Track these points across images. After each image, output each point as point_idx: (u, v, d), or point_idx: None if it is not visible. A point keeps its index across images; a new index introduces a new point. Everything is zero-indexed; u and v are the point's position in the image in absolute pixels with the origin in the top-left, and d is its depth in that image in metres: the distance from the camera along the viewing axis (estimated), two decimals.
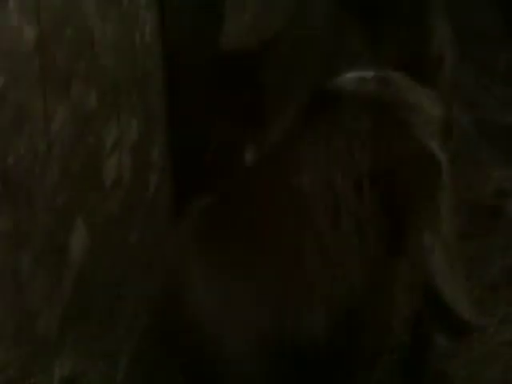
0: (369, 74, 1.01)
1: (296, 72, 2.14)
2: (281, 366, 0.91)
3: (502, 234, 1.42)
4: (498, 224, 1.44)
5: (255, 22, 2.18)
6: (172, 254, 1.02)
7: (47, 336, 1.24)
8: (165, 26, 2.01)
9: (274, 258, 0.90)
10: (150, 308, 1.22)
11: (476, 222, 1.44)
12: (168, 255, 1.06)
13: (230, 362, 0.92)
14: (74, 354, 1.24)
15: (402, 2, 1.86)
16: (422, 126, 0.96)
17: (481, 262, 1.36)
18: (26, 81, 1.15)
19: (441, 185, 0.92)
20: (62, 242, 1.32)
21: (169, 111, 2.01)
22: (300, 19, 2.25)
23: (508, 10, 2.19)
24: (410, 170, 0.87)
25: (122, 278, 1.60)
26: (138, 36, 1.89)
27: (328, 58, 2.11)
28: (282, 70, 2.11)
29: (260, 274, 0.92)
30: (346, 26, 2.01)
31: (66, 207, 1.34)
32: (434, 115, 0.98)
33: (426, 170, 0.90)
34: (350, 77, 1.03)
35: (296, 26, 2.17)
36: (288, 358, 0.91)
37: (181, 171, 2.04)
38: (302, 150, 0.94)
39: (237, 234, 0.94)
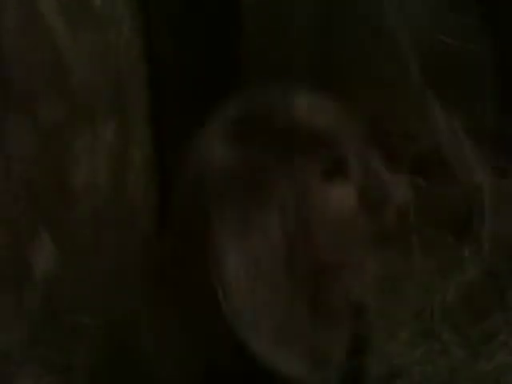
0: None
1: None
2: None
3: None
4: None
5: None
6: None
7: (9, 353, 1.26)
8: (145, 27, 2.04)
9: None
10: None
11: None
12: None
13: None
14: (37, 371, 1.26)
15: None
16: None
17: None
18: None
19: None
20: (24, 256, 1.34)
21: (152, 112, 2.04)
22: None
23: None
24: None
25: (94, 291, 1.61)
26: (113, 40, 1.90)
27: None
28: None
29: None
30: None
31: (28, 220, 1.35)
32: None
33: None
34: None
35: None
36: None
37: (166, 172, 2.08)
38: None
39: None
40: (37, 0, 1.37)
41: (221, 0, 2.18)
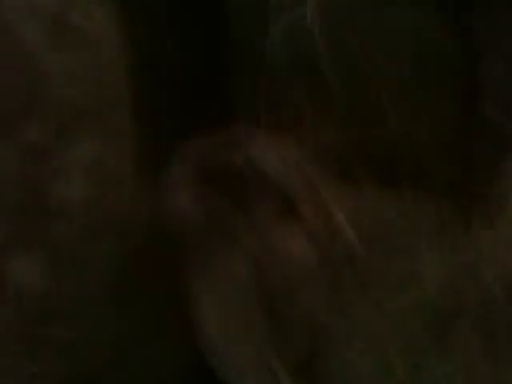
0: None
1: None
2: None
3: None
4: None
5: None
6: None
7: None
8: (133, 40, 2.09)
9: None
10: None
11: None
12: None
13: None
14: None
15: None
16: None
17: None
18: None
19: None
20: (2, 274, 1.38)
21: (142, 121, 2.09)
22: None
23: None
24: None
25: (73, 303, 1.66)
26: (98, 58, 1.95)
27: None
28: None
29: None
30: None
31: (2, 244, 1.39)
32: None
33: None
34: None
35: None
36: None
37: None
38: None
39: None
40: (13, 22, 1.43)
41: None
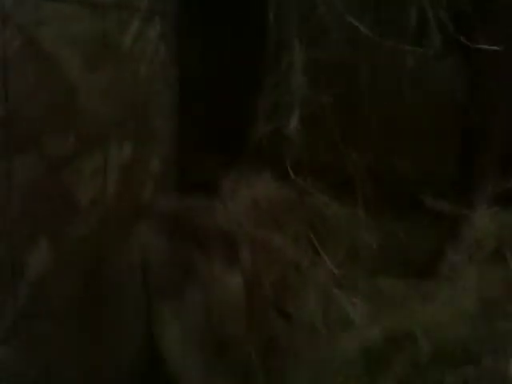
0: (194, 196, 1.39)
1: None
2: None
3: None
4: None
5: None
6: None
7: None
8: (176, 55, 2.31)
9: None
10: None
11: None
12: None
13: None
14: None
15: None
16: None
17: None
18: None
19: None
20: (20, 260, 1.65)
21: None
22: None
23: None
24: None
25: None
26: (143, 69, 2.19)
27: None
28: None
29: None
30: None
31: (27, 230, 1.67)
32: None
33: None
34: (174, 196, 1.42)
35: None
36: None
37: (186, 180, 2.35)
38: None
39: None
40: (47, 40, 1.67)
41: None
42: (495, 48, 1.85)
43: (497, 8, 2.00)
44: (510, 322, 1.48)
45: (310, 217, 2.01)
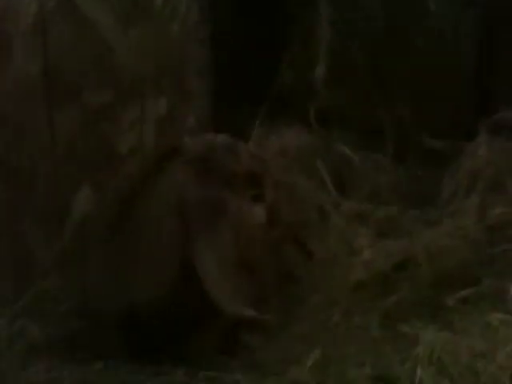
0: (221, 137, 1.49)
1: None
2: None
3: None
4: None
5: None
6: None
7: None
8: (208, 13, 2.41)
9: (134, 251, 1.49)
10: None
11: None
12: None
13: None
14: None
15: None
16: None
17: None
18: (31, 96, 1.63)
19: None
20: (66, 202, 1.81)
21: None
22: None
23: None
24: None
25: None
26: (175, 28, 2.29)
27: None
28: None
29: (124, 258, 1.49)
30: None
31: (71, 176, 1.81)
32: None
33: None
34: (199, 139, 1.52)
35: None
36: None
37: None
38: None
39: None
40: (90, 12, 1.80)
41: None
42: None
43: None
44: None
45: (336, 164, 2.12)
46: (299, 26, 2.34)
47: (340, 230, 1.70)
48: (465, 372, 1.26)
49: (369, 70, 2.26)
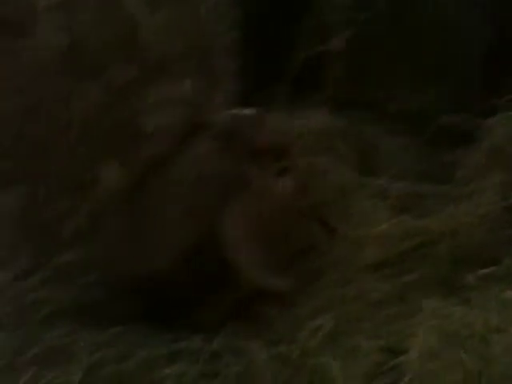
0: (249, 112, 1.50)
1: None
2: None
3: None
4: None
5: None
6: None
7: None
8: None
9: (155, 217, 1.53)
10: None
11: None
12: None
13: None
14: None
15: None
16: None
17: None
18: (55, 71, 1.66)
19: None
20: (87, 176, 1.84)
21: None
22: None
23: None
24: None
25: None
26: (204, 8, 2.31)
27: None
28: None
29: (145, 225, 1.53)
30: None
31: (99, 150, 1.85)
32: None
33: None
34: (228, 112, 1.53)
35: None
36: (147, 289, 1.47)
37: None
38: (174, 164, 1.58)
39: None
40: None
41: None
42: None
43: None
44: None
45: (360, 145, 2.13)
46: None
47: (361, 208, 1.73)
48: (478, 344, 1.28)
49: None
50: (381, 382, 1.24)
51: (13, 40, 1.73)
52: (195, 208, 1.53)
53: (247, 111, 1.64)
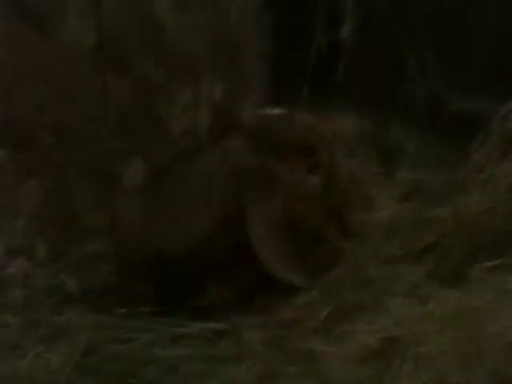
0: (278, 111, 1.54)
1: None
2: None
3: None
4: None
5: None
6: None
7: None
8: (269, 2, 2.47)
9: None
10: None
11: None
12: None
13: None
14: None
15: None
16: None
17: None
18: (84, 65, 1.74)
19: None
20: (116, 173, 1.90)
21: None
22: None
23: None
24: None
25: None
26: (235, 12, 2.36)
27: None
28: None
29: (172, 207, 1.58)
30: None
31: (123, 147, 1.91)
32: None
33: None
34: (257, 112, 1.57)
35: None
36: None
37: None
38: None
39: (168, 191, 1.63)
40: None
41: None
42: None
43: None
44: None
45: (383, 147, 2.13)
46: None
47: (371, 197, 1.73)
48: (471, 328, 1.26)
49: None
50: (373, 366, 1.25)
51: (43, 33, 1.81)
52: (217, 198, 1.57)
53: (276, 110, 1.68)
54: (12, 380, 1.31)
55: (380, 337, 1.29)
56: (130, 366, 1.32)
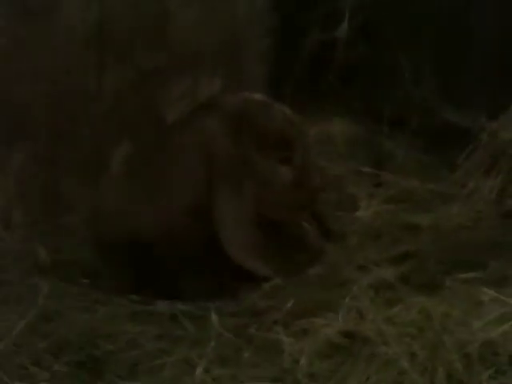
0: (260, 97, 1.57)
1: None
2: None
3: None
4: None
5: None
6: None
7: None
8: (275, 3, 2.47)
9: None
10: None
11: None
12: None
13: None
14: None
15: None
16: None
17: None
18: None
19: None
20: (106, 154, 1.89)
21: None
22: None
23: None
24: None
25: None
26: (240, 10, 2.35)
27: None
28: None
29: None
30: None
31: (114, 131, 1.89)
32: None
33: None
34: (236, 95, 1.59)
35: None
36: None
37: None
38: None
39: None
40: None
41: None
42: None
43: None
44: None
45: (371, 152, 2.12)
46: None
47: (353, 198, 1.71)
48: (433, 334, 1.24)
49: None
50: (332, 361, 1.23)
51: (42, 16, 1.82)
52: (193, 180, 1.55)
53: (258, 95, 1.65)
54: None
55: (342, 333, 1.29)
56: (87, 335, 1.33)
